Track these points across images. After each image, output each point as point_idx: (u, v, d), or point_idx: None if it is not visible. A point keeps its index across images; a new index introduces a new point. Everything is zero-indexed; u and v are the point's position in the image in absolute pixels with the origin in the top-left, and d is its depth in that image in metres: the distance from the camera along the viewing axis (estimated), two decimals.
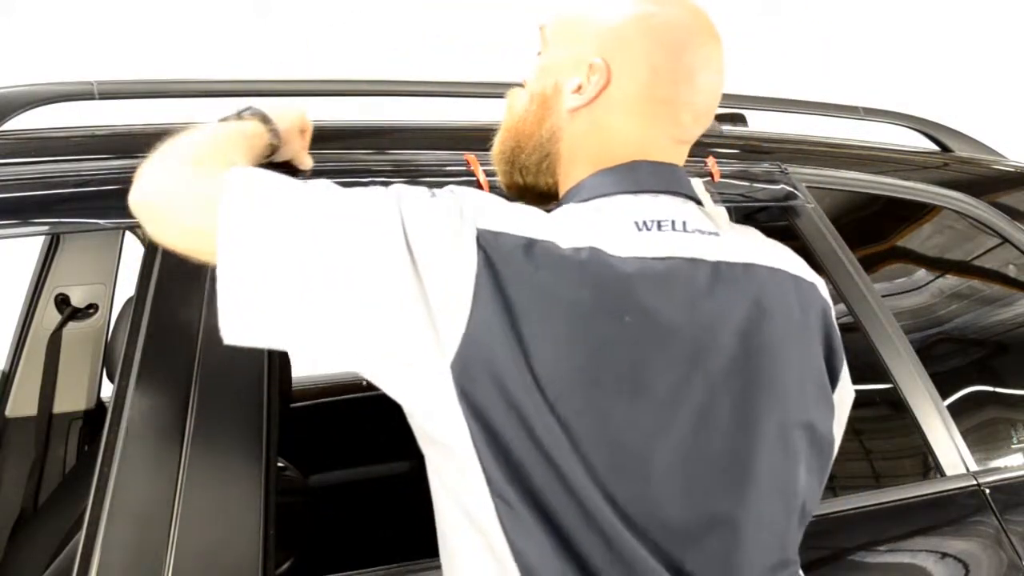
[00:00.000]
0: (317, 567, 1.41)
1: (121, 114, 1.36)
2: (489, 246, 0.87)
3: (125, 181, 1.21)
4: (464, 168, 1.39)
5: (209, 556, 1.15)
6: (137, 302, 1.21)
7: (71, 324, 2.11)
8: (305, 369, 2.38)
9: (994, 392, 1.75)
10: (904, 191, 1.72)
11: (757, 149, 1.67)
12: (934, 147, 1.94)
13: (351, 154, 1.36)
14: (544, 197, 1.08)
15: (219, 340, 1.08)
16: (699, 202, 1.01)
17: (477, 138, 1.50)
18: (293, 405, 2.04)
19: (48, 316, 2.10)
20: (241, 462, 1.17)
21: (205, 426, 1.16)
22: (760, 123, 1.81)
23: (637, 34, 0.98)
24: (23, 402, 2.12)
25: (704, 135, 1.06)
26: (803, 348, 1.00)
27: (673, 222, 0.96)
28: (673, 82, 0.98)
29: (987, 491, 1.56)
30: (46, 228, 1.63)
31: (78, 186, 1.20)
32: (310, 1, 4.73)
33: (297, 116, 1.21)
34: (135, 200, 1.02)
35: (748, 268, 0.97)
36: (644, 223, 0.95)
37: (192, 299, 1.19)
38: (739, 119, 1.78)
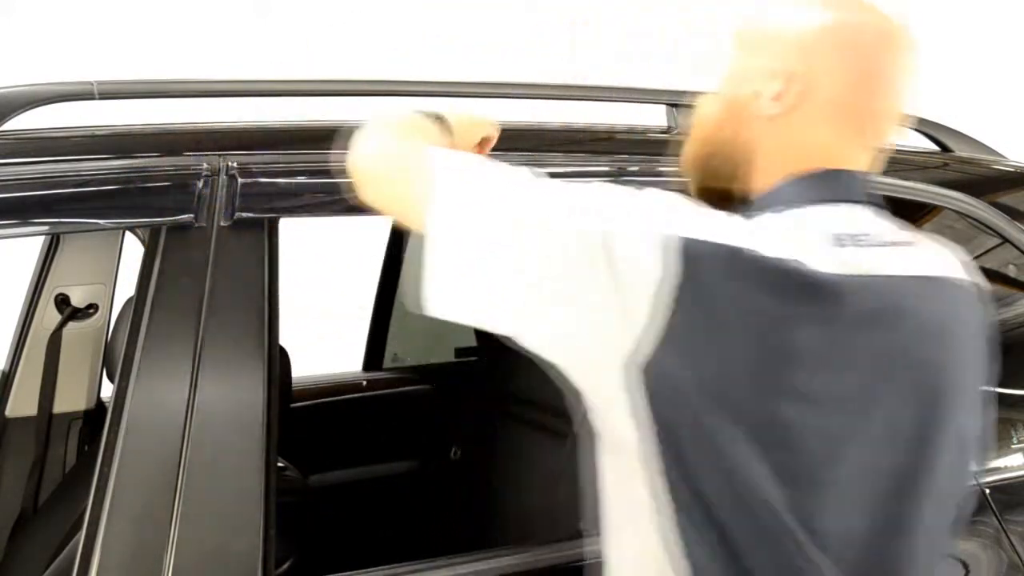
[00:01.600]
0: (317, 567, 1.41)
1: (121, 114, 1.36)
2: (692, 253, 0.87)
3: (125, 181, 1.22)
4: None
5: (209, 556, 1.15)
6: (137, 302, 1.21)
7: (71, 324, 2.11)
8: (305, 369, 2.37)
9: (994, 392, 1.75)
10: (904, 191, 1.72)
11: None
12: (934, 147, 1.94)
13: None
14: (730, 201, 1.06)
15: (219, 340, 1.08)
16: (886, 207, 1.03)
17: None
18: (293, 405, 2.04)
19: (48, 316, 2.10)
20: (241, 462, 1.17)
21: (205, 425, 1.16)
22: None
23: (835, 42, 0.98)
24: (23, 402, 2.11)
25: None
26: (978, 359, 1.03)
27: (869, 235, 0.97)
28: (870, 91, 0.99)
29: (987, 491, 1.56)
30: (46, 228, 1.63)
31: (78, 186, 1.20)
32: (310, 1, 4.73)
33: (480, 130, 1.22)
34: (355, 165, 1.04)
35: (938, 281, 0.99)
36: (843, 237, 0.95)
37: (192, 299, 1.19)
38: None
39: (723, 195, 1.06)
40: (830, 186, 0.99)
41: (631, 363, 0.87)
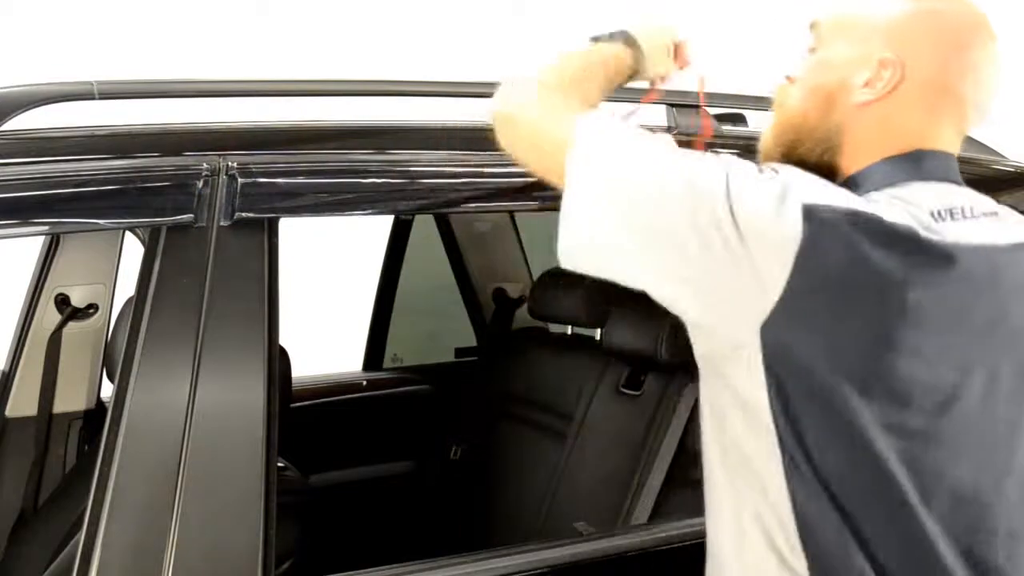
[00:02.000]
0: (317, 567, 1.41)
1: (121, 114, 1.36)
2: (814, 216, 0.92)
3: (125, 181, 1.22)
4: (463, 171, 1.39)
5: (209, 556, 1.15)
6: (137, 302, 1.21)
7: (71, 324, 2.11)
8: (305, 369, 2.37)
9: None
10: None
11: (757, 149, 1.66)
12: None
13: (351, 154, 1.36)
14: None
15: (219, 340, 1.08)
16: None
17: (477, 138, 1.50)
18: (293, 405, 2.04)
19: (48, 316, 2.10)
20: (241, 462, 1.18)
21: (205, 426, 1.16)
22: (760, 123, 1.80)
23: (925, 30, 1.03)
24: (23, 402, 2.11)
25: (705, 135, 1.08)
26: None
27: (963, 209, 1.02)
28: (960, 75, 1.03)
29: None
30: (46, 228, 1.63)
31: (78, 186, 1.20)
32: (310, 1, 4.73)
33: (667, 34, 1.26)
34: (498, 110, 1.11)
35: None
36: (939, 212, 1.00)
37: (192, 299, 1.19)
38: (739, 119, 1.78)
39: None
40: (923, 166, 1.04)
41: (755, 320, 0.92)
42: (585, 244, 0.99)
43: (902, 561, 0.96)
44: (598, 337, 2.13)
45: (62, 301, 2.10)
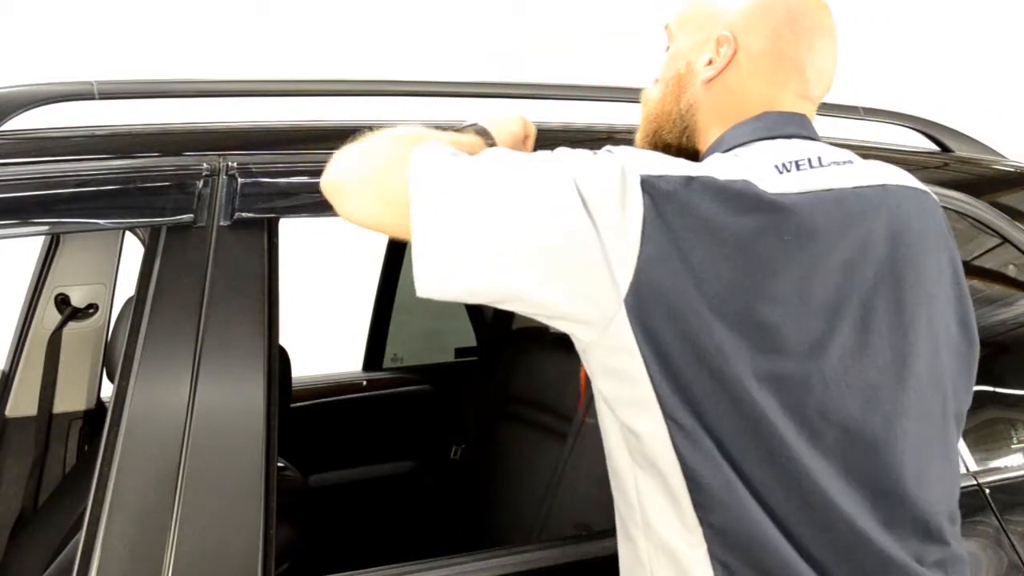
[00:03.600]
0: (317, 567, 1.41)
1: (121, 114, 1.36)
2: (652, 187, 0.97)
3: (125, 181, 1.22)
4: None
5: (209, 556, 1.15)
6: (137, 302, 1.21)
7: (71, 324, 2.11)
8: (305, 369, 2.38)
9: (994, 392, 1.75)
10: None
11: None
12: (934, 147, 1.94)
13: None
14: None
15: (219, 340, 1.08)
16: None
17: None
18: (293, 405, 2.04)
19: (48, 316, 2.10)
20: (241, 462, 1.18)
21: (205, 425, 1.16)
22: None
23: (756, 5, 1.12)
24: (23, 402, 2.12)
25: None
26: (937, 252, 1.12)
27: (809, 160, 1.07)
28: (794, 41, 1.11)
29: (987, 491, 1.56)
30: (46, 228, 1.63)
31: (78, 186, 1.20)
32: (310, 1, 4.73)
33: (518, 125, 1.28)
34: (328, 181, 1.09)
35: (884, 188, 1.09)
36: (783, 165, 1.05)
37: (192, 299, 1.19)
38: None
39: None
40: (767, 125, 1.11)
41: (615, 295, 0.95)
42: (447, 269, 0.98)
43: (795, 505, 0.99)
44: None
45: (62, 301, 2.10)
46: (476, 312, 2.93)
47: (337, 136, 1.42)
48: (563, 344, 2.37)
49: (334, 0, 4.77)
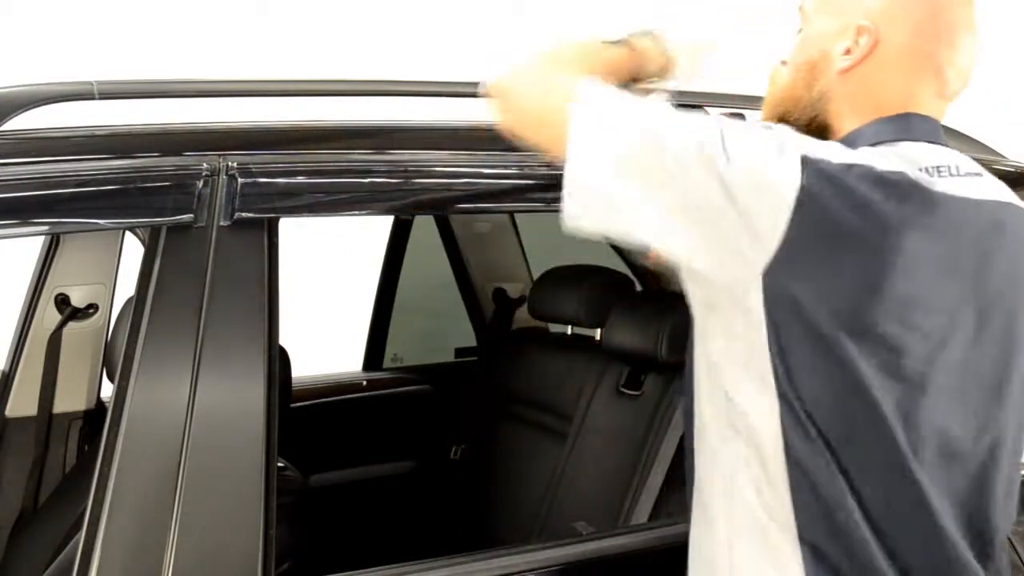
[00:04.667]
0: (317, 567, 1.41)
1: (121, 114, 1.36)
2: (812, 165, 0.96)
3: (125, 181, 1.22)
4: (463, 171, 1.39)
5: (209, 556, 1.15)
6: (137, 302, 1.21)
7: (71, 324, 2.11)
8: (305, 369, 2.37)
9: None
10: None
11: None
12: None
13: (351, 154, 1.36)
14: None
15: (219, 340, 1.08)
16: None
17: (477, 138, 1.50)
18: (293, 405, 2.04)
19: (48, 316, 2.10)
20: (241, 462, 1.17)
21: (205, 426, 1.16)
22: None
23: None
24: (23, 402, 2.11)
25: None
26: None
27: (949, 167, 1.06)
28: (935, 38, 1.09)
29: None
30: (46, 228, 1.63)
31: (78, 186, 1.20)
32: (310, 1, 4.73)
33: (661, 49, 1.28)
34: (497, 83, 1.12)
35: (1009, 207, 1.10)
36: (927, 169, 1.04)
37: (192, 299, 1.19)
38: (739, 119, 1.78)
39: None
40: (909, 126, 1.10)
41: (757, 261, 0.95)
42: (591, 201, 1.00)
43: (890, 504, 0.99)
44: (598, 337, 2.13)
45: (62, 301, 2.10)
46: (476, 312, 2.93)
47: (337, 136, 1.42)
48: (563, 344, 2.37)
49: (334, 0, 4.77)
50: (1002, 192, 1.11)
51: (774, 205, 0.94)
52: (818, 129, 1.14)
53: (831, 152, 0.99)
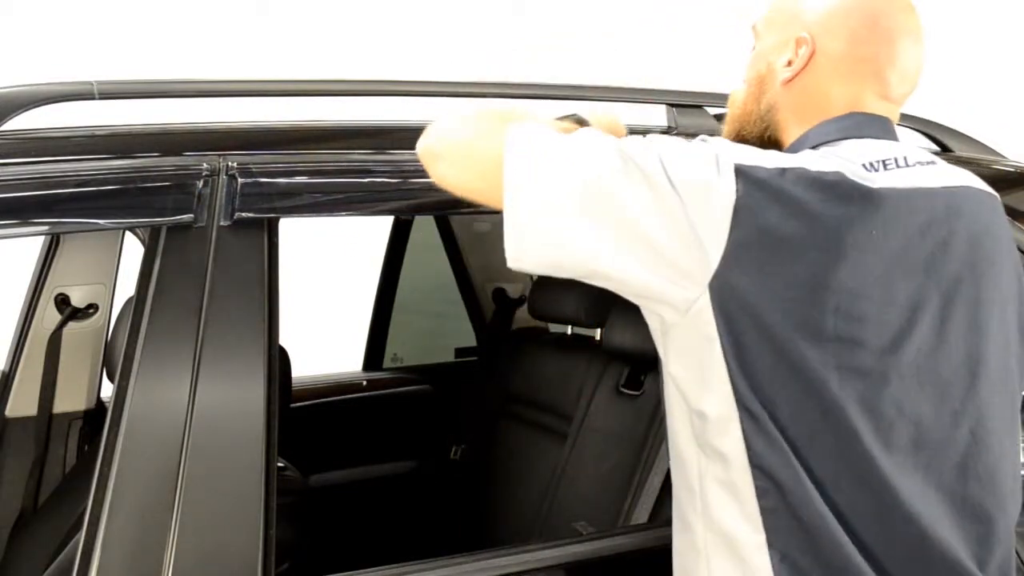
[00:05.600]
0: (317, 567, 1.41)
1: (121, 114, 1.36)
2: (746, 175, 0.98)
3: (125, 181, 1.22)
4: None
5: (209, 556, 1.15)
6: (137, 302, 1.21)
7: (71, 324, 2.11)
8: (305, 369, 2.37)
9: None
10: None
11: None
12: (934, 147, 1.94)
13: (351, 154, 1.36)
14: None
15: (219, 340, 1.08)
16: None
17: None
18: (293, 405, 2.04)
19: (48, 316, 2.10)
20: (241, 462, 1.17)
21: (205, 425, 1.16)
22: None
23: (836, 7, 1.13)
24: (23, 402, 2.11)
25: (705, 135, 1.09)
26: (1010, 255, 1.14)
27: (896, 159, 1.08)
28: (872, 42, 1.12)
29: None
30: (46, 228, 1.63)
31: (78, 186, 1.20)
32: (310, 1, 4.73)
33: (616, 123, 1.29)
34: (427, 144, 1.13)
35: (965, 190, 1.11)
36: (871, 164, 1.06)
37: (192, 299, 1.19)
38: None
39: None
40: (853, 125, 1.12)
41: (701, 276, 0.97)
42: (535, 239, 1.00)
43: (862, 501, 0.99)
44: (598, 337, 2.13)
45: (62, 301, 2.10)
46: (476, 312, 2.94)
47: (337, 136, 1.42)
48: (563, 344, 2.38)
49: (334, 0, 4.77)
50: (958, 177, 1.12)
51: (714, 218, 0.96)
52: (770, 142, 1.18)
53: (765, 159, 1.01)
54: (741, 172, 0.98)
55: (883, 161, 1.07)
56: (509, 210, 1.00)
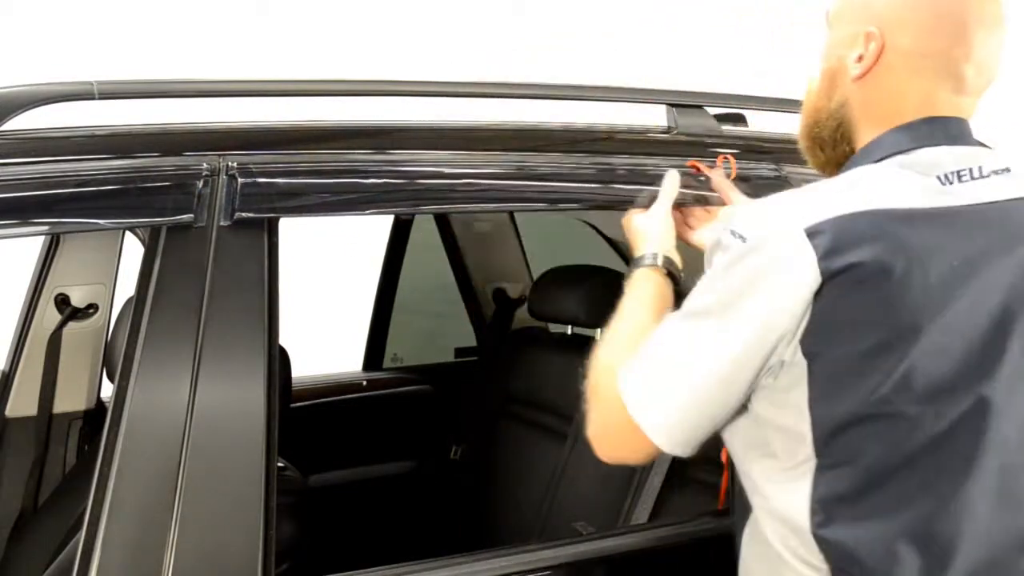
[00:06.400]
0: (317, 567, 1.41)
1: (121, 114, 1.36)
2: (816, 238, 0.97)
3: (125, 181, 1.22)
4: (463, 171, 1.40)
5: (209, 556, 1.15)
6: (137, 302, 1.21)
7: (71, 324, 2.11)
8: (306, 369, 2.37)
9: None
10: None
11: (756, 149, 1.67)
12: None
13: (351, 154, 1.36)
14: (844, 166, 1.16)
15: (219, 340, 1.08)
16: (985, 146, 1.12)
17: (477, 138, 1.50)
18: (293, 405, 2.04)
19: (48, 316, 2.10)
20: (241, 462, 1.18)
21: (205, 426, 1.16)
22: (760, 123, 1.81)
23: (905, 1, 1.09)
24: (23, 402, 2.11)
25: (704, 135, 1.08)
26: None
27: (971, 170, 1.06)
28: (944, 36, 1.07)
29: None
30: (46, 228, 1.63)
31: (78, 186, 1.20)
32: (310, 1, 4.73)
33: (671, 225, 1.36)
34: (591, 434, 1.17)
35: None
36: (946, 176, 1.04)
37: (192, 299, 1.19)
38: (739, 119, 1.78)
39: (840, 164, 1.15)
40: (930, 132, 1.08)
41: (793, 344, 1.00)
42: (681, 436, 1.08)
43: (938, 529, 0.99)
44: (598, 337, 2.13)
45: (62, 301, 2.10)
46: (476, 312, 2.93)
47: (337, 136, 1.42)
48: (563, 344, 2.37)
49: (334, 0, 4.77)
50: None
51: (797, 306, 0.98)
52: (843, 139, 1.15)
53: (821, 211, 1.00)
54: (811, 234, 0.98)
55: (958, 172, 1.05)
56: (651, 435, 1.07)
